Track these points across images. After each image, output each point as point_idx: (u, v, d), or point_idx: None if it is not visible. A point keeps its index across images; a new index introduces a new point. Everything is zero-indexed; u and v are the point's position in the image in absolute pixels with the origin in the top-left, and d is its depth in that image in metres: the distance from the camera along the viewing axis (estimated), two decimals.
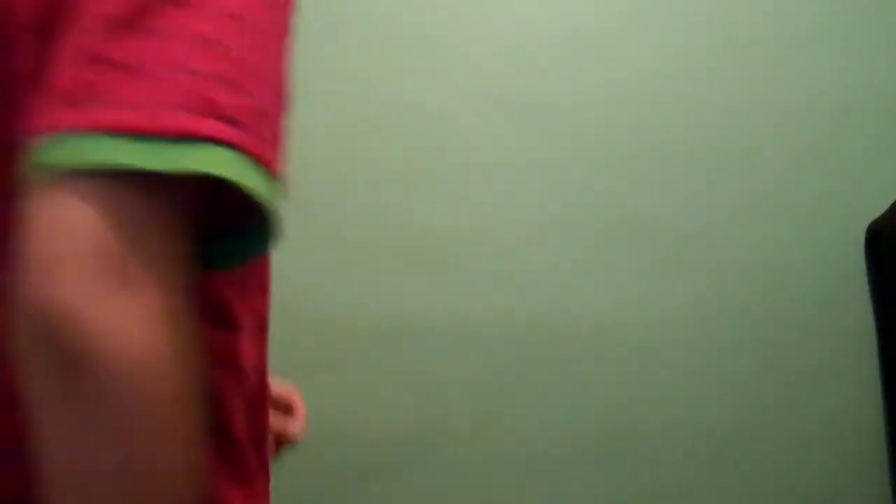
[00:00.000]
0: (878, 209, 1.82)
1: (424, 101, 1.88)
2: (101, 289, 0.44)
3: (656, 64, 1.91)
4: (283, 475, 1.72)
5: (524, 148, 1.88)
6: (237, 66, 0.51)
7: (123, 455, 0.44)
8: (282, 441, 0.95)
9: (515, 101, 1.89)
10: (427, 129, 1.87)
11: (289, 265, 1.78)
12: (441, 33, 1.90)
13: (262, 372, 0.68)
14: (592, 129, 1.90)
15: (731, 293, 1.84)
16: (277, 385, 0.97)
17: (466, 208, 1.86)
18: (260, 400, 0.68)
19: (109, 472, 0.44)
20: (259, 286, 0.68)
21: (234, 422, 0.63)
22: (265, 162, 0.50)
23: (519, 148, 1.88)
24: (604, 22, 1.93)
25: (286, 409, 0.96)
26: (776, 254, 1.84)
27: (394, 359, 1.79)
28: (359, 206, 1.83)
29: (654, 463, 1.80)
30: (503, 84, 1.90)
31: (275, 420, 0.95)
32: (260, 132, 0.50)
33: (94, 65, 0.48)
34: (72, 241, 0.44)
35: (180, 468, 0.47)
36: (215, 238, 0.54)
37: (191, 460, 0.48)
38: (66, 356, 0.43)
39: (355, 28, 1.88)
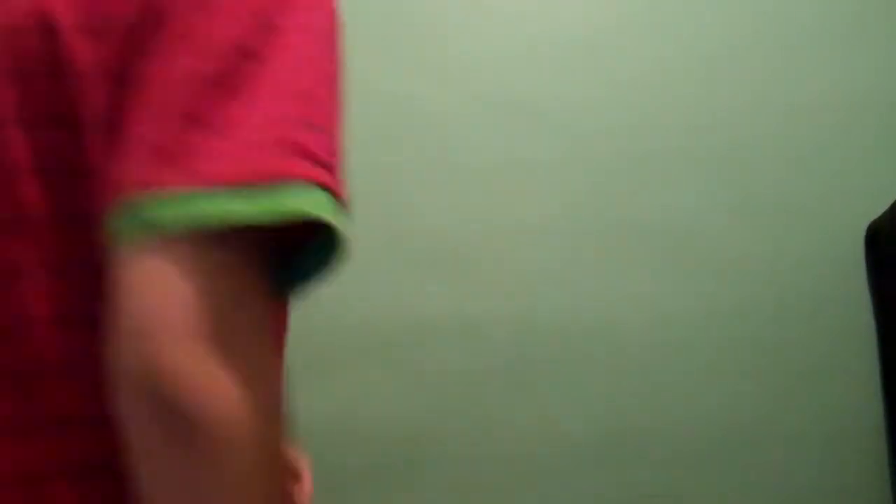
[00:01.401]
0: (878, 209, 1.82)
1: (427, 102, 1.89)
2: (202, 352, 0.45)
3: (656, 64, 1.91)
4: None
5: (526, 149, 1.88)
6: (317, 109, 0.53)
7: None
8: None
9: (518, 102, 1.89)
10: (429, 130, 1.87)
11: None
12: (445, 34, 1.90)
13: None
14: (594, 129, 1.90)
15: (731, 293, 1.84)
16: (286, 450, 0.95)
17: (467, 209, 1.86)
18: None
19: None
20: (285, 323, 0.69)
21: None
22: (342, 196, 0.52)
23: (520, 149, 1.88)
24: (605, 22, 1.93)
25: (293, 475, 0.95)
26: (776, 254, 1.84)
27: (395, 359, 1.79)
28: (359, 206, 1.83)
29: (654, 463, 1.80)
30: (505, 85, 1.90)
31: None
32: (337, 168, 0.53)
33: (186, 122, 0.49)
34: (175, 305, 0.45)
35: None
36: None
37: None
38: (171, 416, 0.44)
39: (356, 28, 1.88)
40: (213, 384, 0.45)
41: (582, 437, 1.80)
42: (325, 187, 0.51)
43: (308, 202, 0.49)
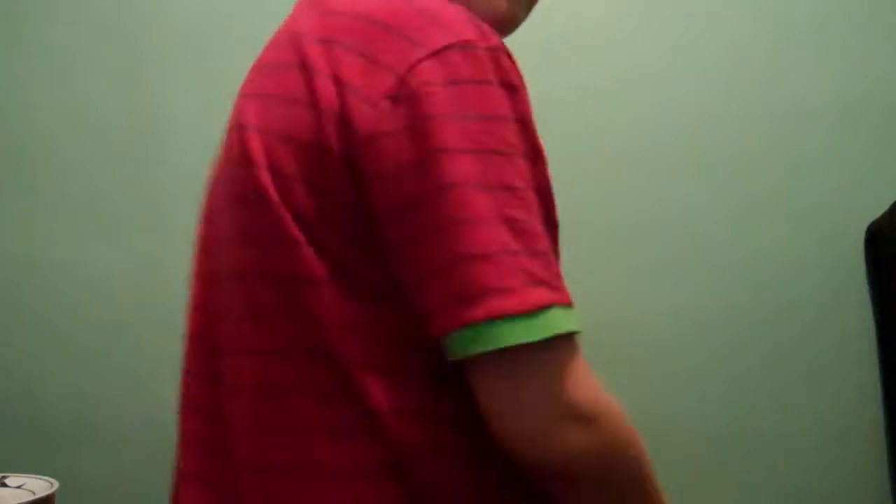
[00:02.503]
0: (878, 209, 1.82)
1: None
2: (570, 424, 0.67)
3: (656, 63, 1.91)
4: None
5: None
6: (532, 235, 0.67)
7: None
8: None
9: None
10: None
11: None
12: None
13: None
14: (593, 129, 1.90)
15: (731, 293, 1.84)
16: None
17: None
18: None
19: None
20: None
21: None
22: (569, 301, 0.70)
23: None
24: (604, 21, 1.93)
25: None
26: (776, 254, 1.84)
27: None
28: None
29: (654, 462, 1.79)
30: None
31: None
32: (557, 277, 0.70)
33: (458, 265, 0.63)
34: (551, 402, 0.65)
35: None
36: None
37: None
38: (603, 477, 0.72)
39: None
40: (581, 441, 0.68)
41: None
42: (561, 303, 0.67)
43: (568, 322, 0.67)
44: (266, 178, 0.67)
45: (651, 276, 1.86)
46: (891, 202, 1.81)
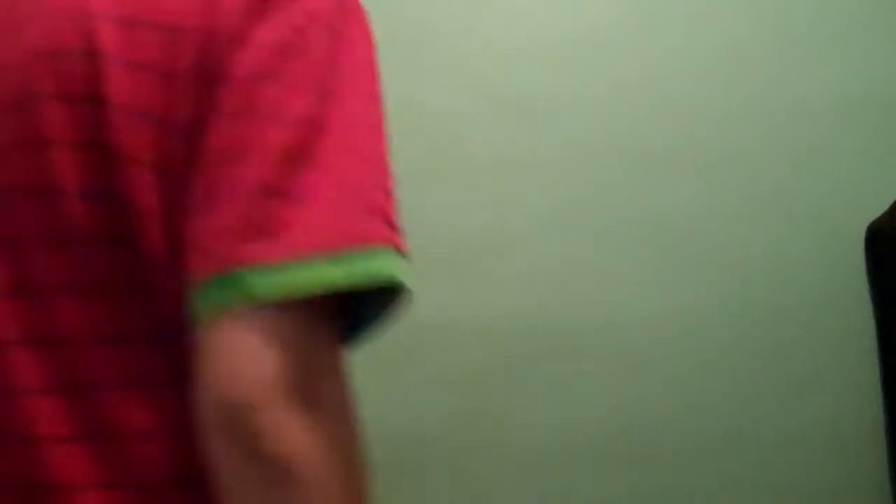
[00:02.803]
0: (878, 209, 1.82)
1: (427, 101, 1.89)
2: (292, 404, 0.51)
3: (657, 64, 1.91)
4: None
5: (526, 147, 1.88)
6: (382, 170, 0.57)
7: None
8: None
9: (516, 100, 1.89)
10: (427, 129, 1.87)
11: None
12: (442, 33, 1.91)
13: None
14: (594, 128, 1.90)
15: (731, 293, 1.84)
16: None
17: (467, 209, 1.86)
18: None
19: None
20: None
21: None
22: (405, 252, 0.57)
23: (521, 147, 1.88)
24: (605, 22, 1.93)
25: None
26: (776, 254, 1.84)
27: (395, 359, 1.79)
28: None
29: (655, 462, 1.80)
30: (505, 84, 1.90)
31: None
32: (398, 223, 0.58)
33: (269, 195, 0.53)
34: (265, 364, 0.51)
35: None
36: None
37: None
38: (266, 464, 0.51)
39: None
40: (301, 431, 0.51)
41: (582, 436, 1.80)
42: (397, 247, 0.55)
43: (392, 266, 0.53)
44: (115, 73, 0.57)
45: (650, 276, 1.86)
46: (891, 202, 1.81)
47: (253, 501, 0.52)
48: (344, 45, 0.60)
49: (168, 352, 0.58)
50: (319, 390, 0.53)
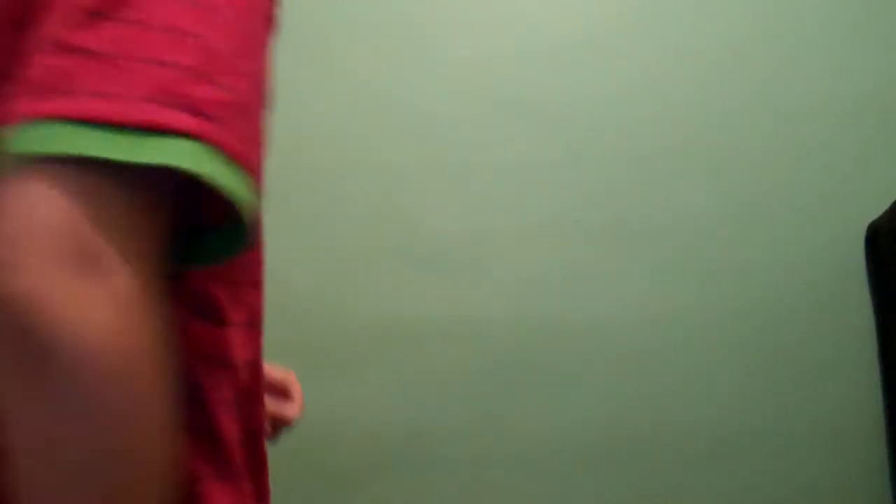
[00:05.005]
0: (878, 209, 1.82)
1: (425, 102, 1.89)
2: (65, 274, 0.43)
3: (657, 64, 1.91)
4: (284, 474, 1.73)
5: (524, 149, 1.88)
6: (212, 59, 0.50)
7: (92, 443, 0.43)
8: (278, 424, 0.96)
9: (516, 101, 1.89)
10: (427, 129, 1.88)
11: (290, 267, 1.79)
12: (443, 33, 1.91)
13: (255, 366, 0.67)
14: (593, 129, 1.91)
15: (731, 293, 1.84)
16: (273, 370, 0.98)
17: (467, 209, 1.86)
18: (253, 395, 0.67)
19: (78, 461, 0.43)
20: (250, 280, 0.67)
21: (219, 418, 0.62)
22: (239, 157, 0.49)
23: (519, 148, 1.88)
24: (604, 22, 1.94)
25: (283, 393, 0.98)
26: (776, 254, 1.84)
27: (394, 359, 1.79)
28: (359, 207, 1.83)
29: (655, 463, 1.80)
30: (505, 85, 1.90)
31: (271, 404, 0.96)
32: (235, 127, 0.50)
33: (64, 53, 0.47)
34: (37, 227, 0.44)
35: (154, 459, 0.46)
36: (199, 233, 0.54)
37: (165, 453, 0.47)
38: (29, 343, 0.42)
39: (356, 29, 1.89)
40: (66, 307, 0.43)
41: (582, 436, 1.80)
42: (210, 143, 0.48)
43: (186, 158, 0.47)
44: None
45: (650, 276, 1.86)
46: (891, 202, 1.81)
47: (18, 393, 0.44)
48: None
49: None
50: (100, 263, 0.45)
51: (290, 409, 0.96)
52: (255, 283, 0.68)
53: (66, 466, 0.43)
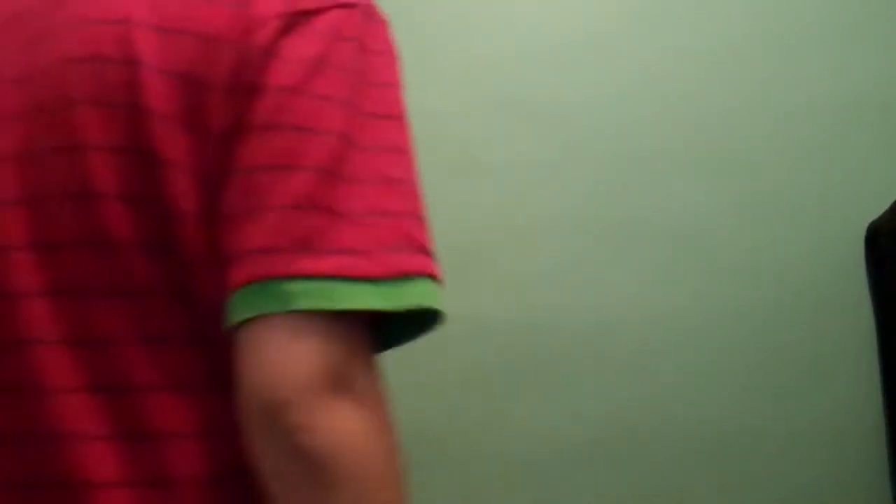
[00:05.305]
0: (878, 209, 1.82)
1: (425, 102, 1.89)
2: (335, 402, 0.53)
3: (657, 64, 1.91)
4: None
5: (526, 148, 1.88)
6: (418, 198, 0.59)
7: None
8: None
9: (516, 101, 1.89)
10: (427, 129, 1.88)
11: None
12: (443, 33, 1.91)
13: None
14: (593, 129, 1.91)
15: (731, 293, 1.84)
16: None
17: (467, 209, 1.86)
18: None
19: None
20: None
21: None
22: (440, 279, 0.60)
23: (521, 149, 1.88)
24: (605, 22, 1.93)
25: None
26: (776, 254, 1.84)
27: (395, 359, 1.79)
28: None
29: (655, 463, 1.80)
30: (504, 84, 1.90)
31: None
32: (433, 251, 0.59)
33: (308, 210, 0.55)
34: (309, 369, 0.53)
35: None
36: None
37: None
38: (306, 459, 0.53)
39: None
40: (337, 426, 0.53)
41: (582, 436, 1.80)
42: (433, 276, 0.57)
43: (429, 296, 0.56)
44: (152, 81, 0.59)
45: (650, 276, 1.86)
46: (891, 202, 1.81)
47: (298, 496, 0.54)
48: (371, 59, 0.62)
49: (206, 353, 0.60)
50: (354, 387, 0.54)
51: None
52: None
53: None
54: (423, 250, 0.57)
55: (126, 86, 0.59)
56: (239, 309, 0.55)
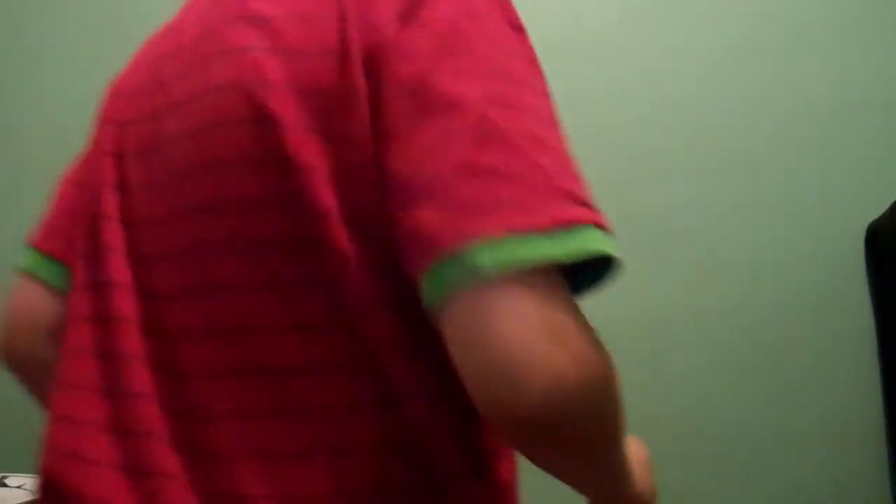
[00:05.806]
0: (878, 209, 1.82)
1: None
2: (553, 349, 0.54)
3: (656, 63, 1.91)
4: None
5: None
6: (565, 154, 0.60)
7: (615, 426, 0.59)
8: None
9: None
10: None
11: None
12: None
13: None
14: (593, 128, 1.90)
15: (731, 293, 1.84)
16: None
17: None
18: None
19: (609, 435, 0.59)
20: None
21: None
22: (608, 226, 0.60)
23: None
24: (604, 21, 1.93)
25: None
26: (776, 253, 1.84)
27: None
28: None
29: (655, 462, 1.80)
30: None
31: None
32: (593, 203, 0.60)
33: (473, 176, 0.56)
34: (528, 322, 0.54)
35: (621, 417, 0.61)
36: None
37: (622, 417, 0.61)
38: (559, 416, 0.54)
39: None
40: (570, 384, 0.54)
41: None
42: (599, 224, 0.58)
43: (601, 242, 0.57)
44: (296, 139, 0.64)
45: (650, 276, 1.86)
46: (891, 202, 1.81)
47: (540, 454, 0.57)
48: (502, 27, 0.64)
49: (351, 338, 0.63)
50: (574, 343, 0.55)
51: None
52: None
53: (577, 471, 0.62)
54: (586, 203, 0.58)
55: (262, 105, 0.65)
56: (430, 291, 0.57)
